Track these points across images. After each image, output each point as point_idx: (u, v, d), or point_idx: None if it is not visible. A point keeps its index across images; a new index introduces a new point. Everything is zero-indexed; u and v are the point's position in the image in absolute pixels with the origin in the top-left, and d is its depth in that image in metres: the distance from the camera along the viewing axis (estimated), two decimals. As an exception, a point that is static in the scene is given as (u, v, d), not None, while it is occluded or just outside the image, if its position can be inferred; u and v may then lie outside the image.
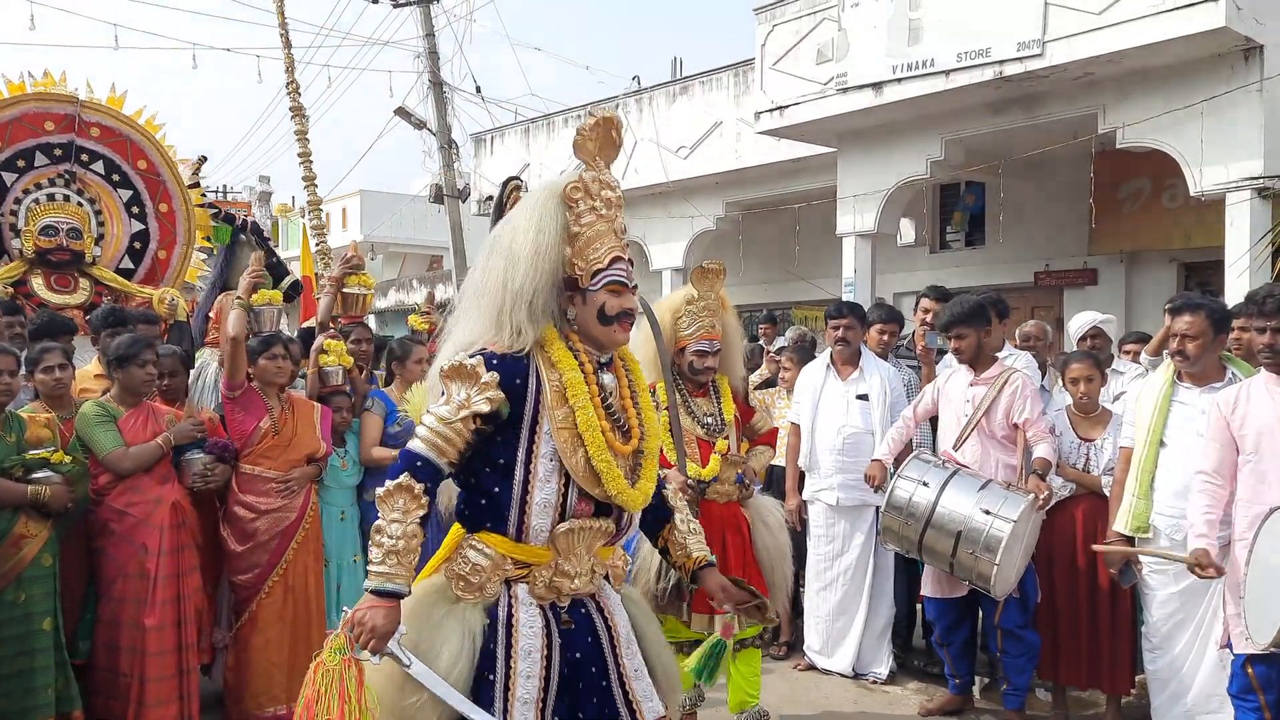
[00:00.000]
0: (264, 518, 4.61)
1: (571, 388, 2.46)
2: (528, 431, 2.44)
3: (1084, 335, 5.80)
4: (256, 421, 4.63)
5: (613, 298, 2.51)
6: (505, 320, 2.45)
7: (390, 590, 2.28)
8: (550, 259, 2.46)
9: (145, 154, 7.11)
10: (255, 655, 4.58)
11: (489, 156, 16.18)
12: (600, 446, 2.45)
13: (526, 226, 2.48)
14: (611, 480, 2.46)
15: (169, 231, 7.27)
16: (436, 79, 14.17)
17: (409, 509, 2.31)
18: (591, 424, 2.45)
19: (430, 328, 6.44)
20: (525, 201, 2.58)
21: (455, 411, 2.37)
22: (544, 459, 2.44)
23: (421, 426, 2.41)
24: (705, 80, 13.43)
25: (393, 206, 24.91)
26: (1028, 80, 8.90)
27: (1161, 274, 11.58)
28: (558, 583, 2.51)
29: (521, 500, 2.44)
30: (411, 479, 2.33)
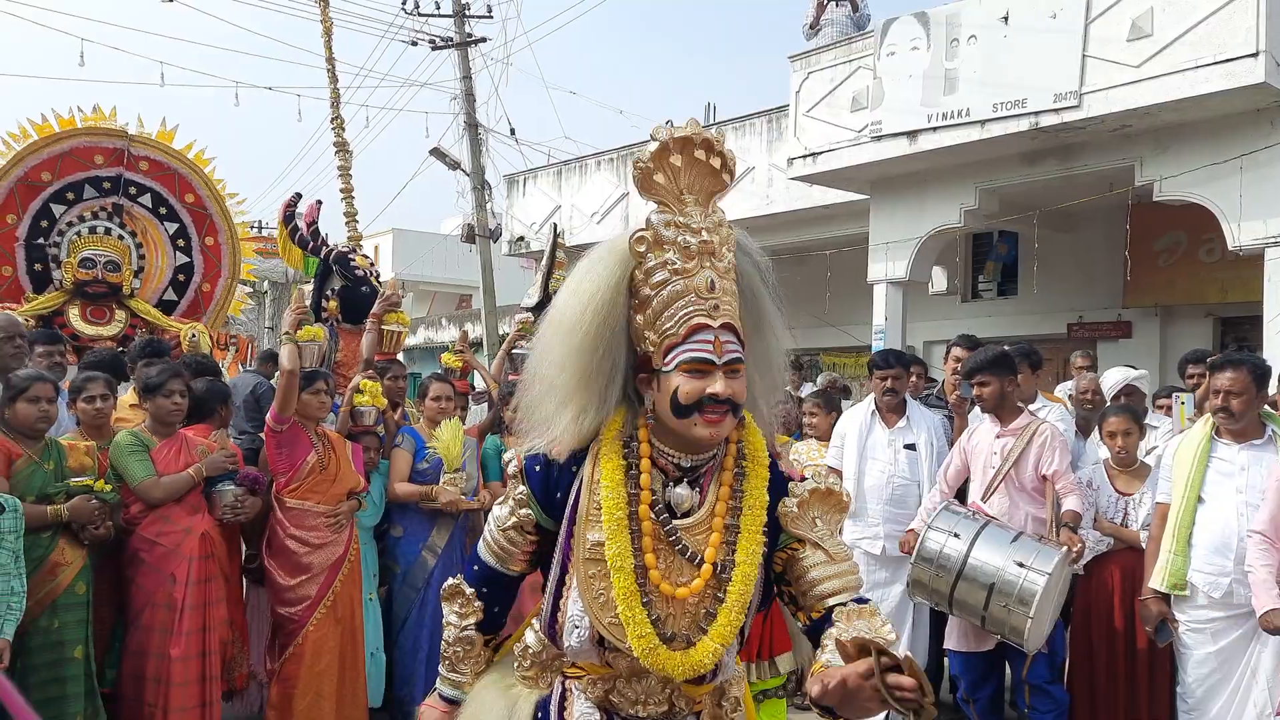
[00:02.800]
0: (318, 551, 4.66)
1: (604, 509, 1.92)
2: (561, 556, 1.99)
3: (1118, 393, 5.75)
4: (304, 456, 4.68)
5: (690, 380, 1.87)
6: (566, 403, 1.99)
7: (447, 696, 2.22)
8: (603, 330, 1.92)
9: (193, 188, 7.24)
10: (303, 688, 4.58)
11: (521, 197, 16.34)
12: (628, 594, 1.87)
13: (573, 294, 1.97)
14: (638, 639, 1.86)
15: (214, 265, 7.37)
16: (472, 120, 14.39)
17: (464, 613, 2.16)
18: (621, 561, 1.89)
19: (464, 366, 6.48)
20: (583, 260, 2.04)
21: (507, 517, 2.08)
22: (574, 593, 1.96)
23: (488, 525, 2.15)
24: (738, 125, 13.53)
25: (425, 245, 25.17)
26: (1064, 131, 8.90)
27: (1197, 328, 11.46)
28: (616, 701, 2.02)
29: (551, 624, 2.03)
30: (464, 583, 2.17)
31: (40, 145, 6.73)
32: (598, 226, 14.99)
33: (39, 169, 6.75)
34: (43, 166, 6.76)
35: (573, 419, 1.96)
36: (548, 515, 2.02)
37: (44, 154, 6.75)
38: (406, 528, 5.24)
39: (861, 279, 11.03)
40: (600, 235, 14.96)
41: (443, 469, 5.19)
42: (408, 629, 5.15)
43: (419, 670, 5.11)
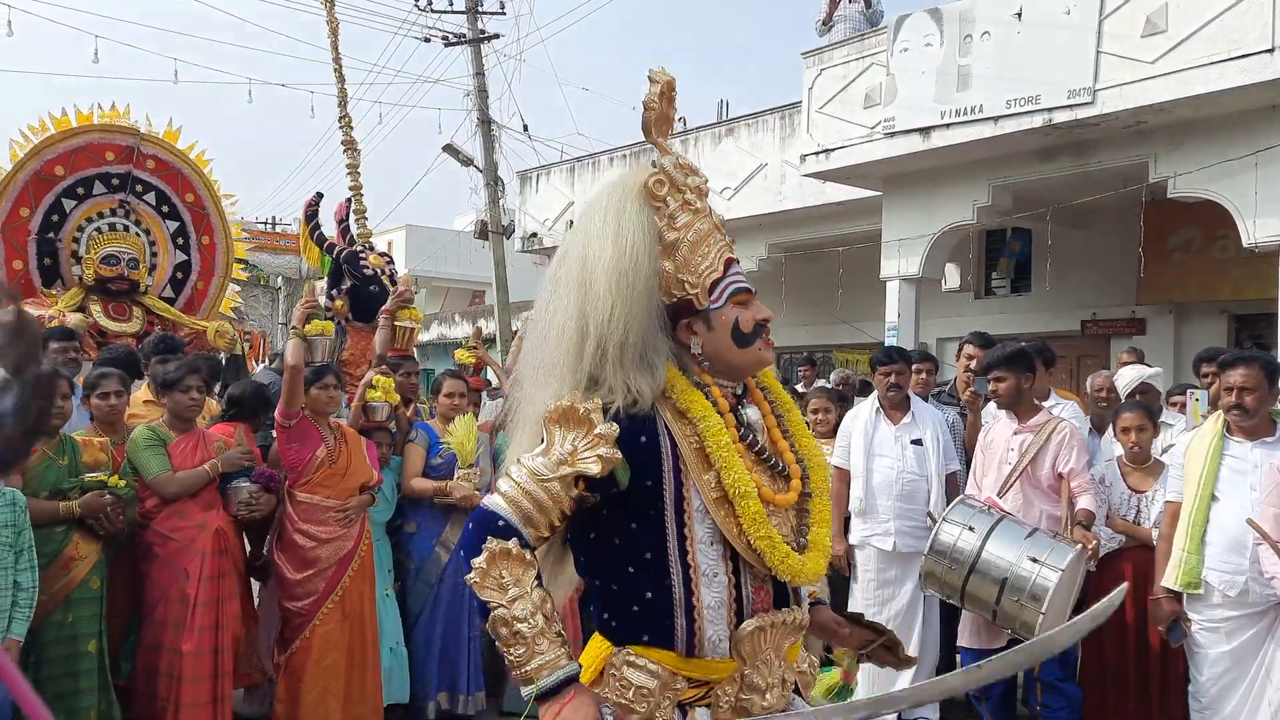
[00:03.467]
0: (325, 546, 4.66)
1: (709, 439, 1.85)
2: (674, 513, 1.85)
3: (1133, 391, 5.73)
4: (313, 450, 4.69)
5: (743, 309, 1.94)
6: (606, 377, 1.85)
7: (564, 678, 1.76)
8: (644, 279, 1.86)
9: (194, 187, 7.33)
10: (310, 683, 4.59)
11: (534, 194, 16.36)
12: (758, 518, 1.84)
13: (597, 246, 1.88)
14: (781, 562, 1.85)
15: (209, 263, 7.46)
16: (485, 117, 14.40)
17: (520, 576, 1.75)
18: (743, 485, 1.84)
19: (477, 362, 6.50)
20: (593, 211, 1.95)
21: (554, 467, 1.79)
22: (703, 545, 1.85)
23: (505, 480, 1.84)
24: (751, 122, 13.51)
25: (438, 241, 25.21)
26: (1078, 128, 8.86)
27: (1211, 325, 11.40)
28: (746, 701, 1.90)
29: (688, 606, 1.84)
30: (501, 540, 1.76)
31: (57, 139, 6.79)
32: (610, 223, 14.99)
33: (53, 163, 6.81)
34: (57, 161, 6.82)
35: (651, 369, 1.87)
36: (627, 468, 1.83)
37: (60, 148, 6.81)
38: (420, 523, 5.25)
39: (874, 276, 11.01)
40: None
41: (456, 464, 5.20)
42: (421, 625, 5.16)
43: (432, 665, 5.14)
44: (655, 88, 1.92)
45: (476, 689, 5.27)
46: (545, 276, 2.04)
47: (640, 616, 1.87)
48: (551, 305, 1.94)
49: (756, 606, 1.91)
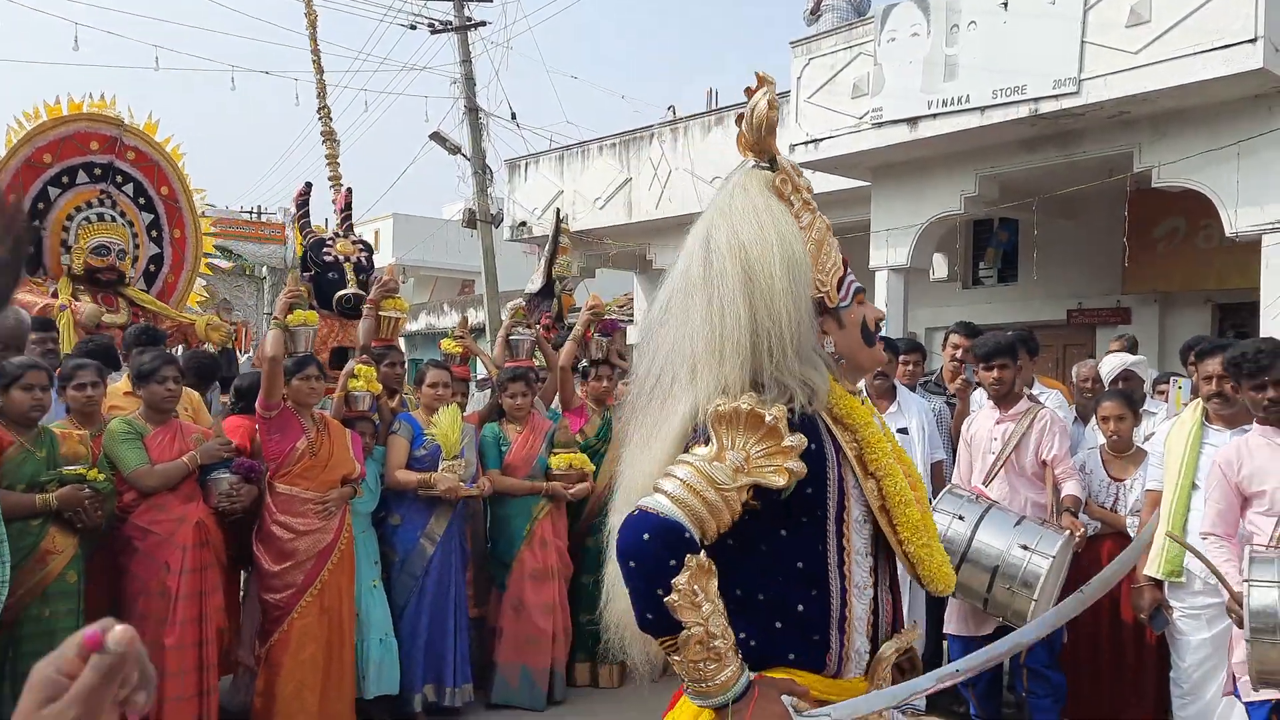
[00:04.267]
0: (303, 538, 4.64)
1: (872, 449, 1.82)
2: (835, 521, 1.79)
3: (1116, 378, 5.75)
4: (293, 442, 4.67)
5: (866, 308, 1.97)
6: (771, 376, 1.77)
7: (750, 683, 1.68)
8: (806, 275, 1.84)
9: (168, 180, 7.33)
10: (287, 675, 4.59)
11: (523, 182, 16.30)
12: (917, 526, 1.84)
13: (759, 238, 1.82)
14: (934, 570, 1.87)
15: (179, 257, 7.46)
16: (472, 105, 14.34)
17: (708, 587, 1.65)
18: (904, 495, 1.83)
19: (464, 351, 6.48)
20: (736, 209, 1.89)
21: (733, 475, 1.69)
22: (859, 557, 1.82)
23: (672, 481, 1.69)
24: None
25: (426, 230, 25.14)
26: (1063, 118, 8.86)
27: (1195, 314, 11.44)
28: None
29: (841, 618, 1.78)
30: (696, 556, 1.64)
31: (48, 127, 6.79)
32: (600, 212, 14.96)
33: (43, 151, 6.80)
34: (46, 149, 6.81)
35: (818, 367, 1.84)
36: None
37: (50, 135, 6.81)
38: (404, 516, 5.24)
39: (863, 266, 11.00)
40: (603, 221, 15.03)
41: (441, 456, 5.19)
42: (407, 617, 5.16)
43: (418, 657, 5.14)
44: (769, 90, 1.91)
45: (464, 681, 5.28)
46: (674, 275, 1.95)
47: (786, 632, 1.79)
48: (697, 310, 1.83)
49: (886, 620, 1.88)
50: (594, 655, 5.85)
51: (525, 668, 5.40)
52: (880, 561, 1.87)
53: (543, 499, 5.53)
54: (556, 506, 5.61)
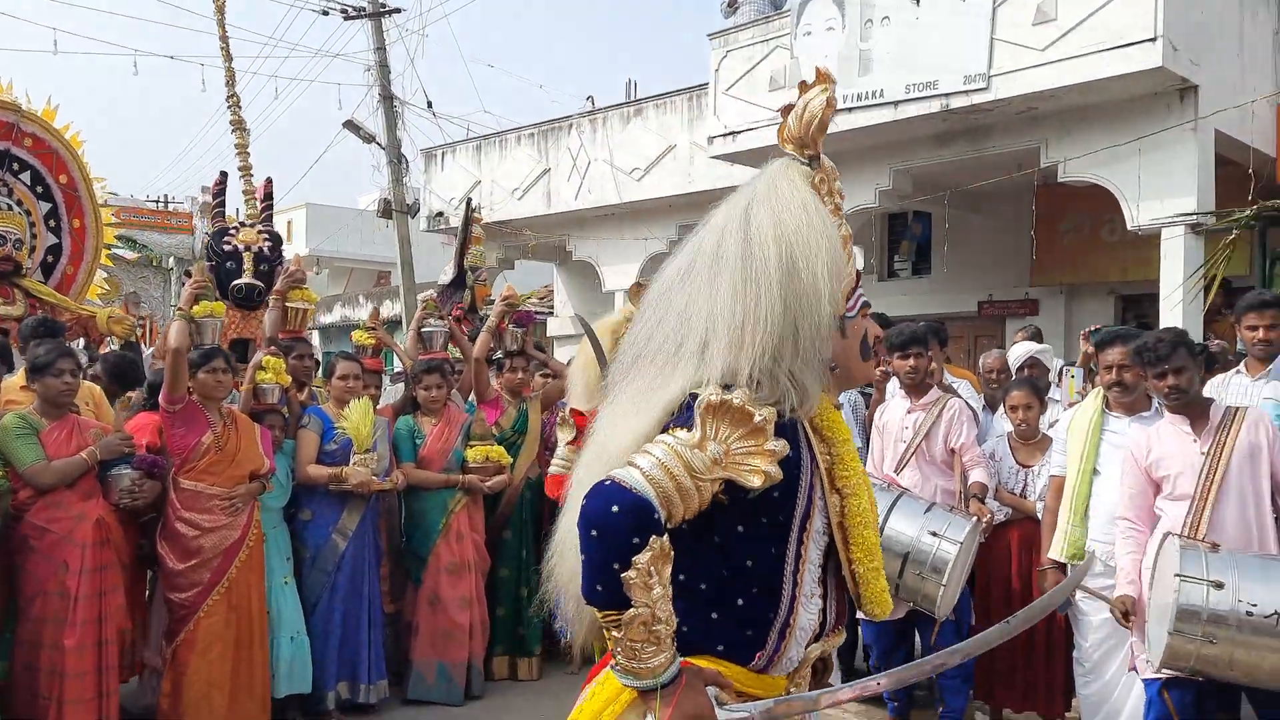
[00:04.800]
0: (208, 535, 4.52)
1: (844, 466, 1.85)
2: (798, 529, 1.79)
3: (1021, 365, 5.90)
4: (199, 436, 4.53)
5: (871, 323, 1.94)
6: (780, 377, 1.76)
7: (680, 670, 1.68)
8: (841, 283, 1.82)
9: (67, 168, 7.03)
10: (194, 676, 4.47)
11: (439, 172, 16.10)
12: (871, 549, 1.85)
13: (808, 232, 1.78)
14: (876, 594, 1.88)
15: (78, 247, 7.16)
16: (387, 93, 14.09)
17: (662, 571, 1.65)
18: (866, 516, 1.85)
19: (376, 343, 6.36)
20: (777, 192, 1.85)
21: (710, 466, 1.68)
22: (812, 566, 1.82)
23: (648, 459, 1.68)
24: (659, 103, 13.51)
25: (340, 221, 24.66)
26: (973, 113, 9.08)
27: (1099, 305, 11.84)
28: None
29: (784, 624, 1.79)
30: (660, 539, 1.63)
31: (-58, 112, 6.44)
32: (519, 202, 14.85)
33: (-62, 137, 6.46)
34: (-59, 135, 6.47)
35: (819, 377, 1.82)
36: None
37: (-57, 121, 6.46)
38: (315, 511, 5.13)
39: (781, 258, 11.11)
40: (522, 212, 14.92)
41: (352, 450, 5.09)
42: (319, 613, 5.05)
43: (331, 655, 5.04)
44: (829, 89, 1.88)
45: (378, 677, 5.19)
46: (701, 244, 1.89)
47: (721, 624, 1.79)
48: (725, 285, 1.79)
49: (828, 629, 1.89)
50: (513, 648, 5.81)
51: (442, 663, 5.34)
52: (829, 575, 1.87)
53: (459, 492, 5.47)
54: (473, 499, 5.56)
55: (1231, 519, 3.58)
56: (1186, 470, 3.67)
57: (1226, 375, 4.90)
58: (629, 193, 13.45)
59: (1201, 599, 3.26)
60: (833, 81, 1.90)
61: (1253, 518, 3.59)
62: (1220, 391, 4.71)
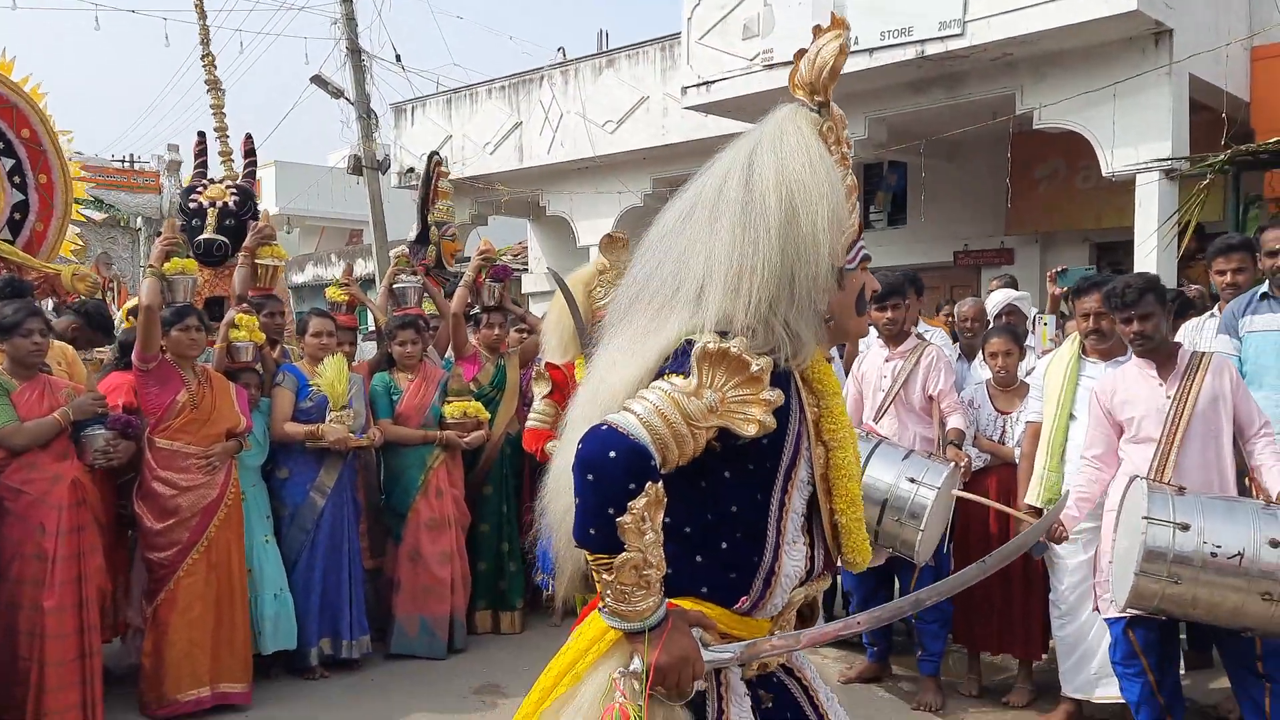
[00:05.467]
0: (185, 494, 4.49)
1: (832, 419, 1.86)
2: (784, 478, 1.81)
3: (1000, 313, 5.92)
4: (173, 395, 4.49)
5: (869, 277, 1.92)
6: (775, 326, 1.75)
7: (665, 614, 1.68)
8: (840, 234, 1.80)
9: (29, 122, 6.83)
10: (176, 635, 4.46)
11: (410, 127, 15.87)
12: (852, 499, 1.87)
13: (811, 183, 1.76)
14: (857, 544, 1.90)
15: (47, 204, 6.98)
16: (354, 46, 13.81)
17: (655, 517, 1.65)
18: (850, 470, 1.87)
19: (350, 300, 6.30)
20: (783, 140, 1.82)
21: (705, 414, 1.69)
22: (794, 515, 1.84)
23: (643, 404, 1.68)
24: (631, 54, 13.34)
25: (310, 178, 24.31)
26: (948, 60, 9.02)
27: (1074, 254, 11.88)
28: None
29: (770, 571, 1.81)
30: (656, 485, 1.64)
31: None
32: (491, 157, 14.69)
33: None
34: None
35: (816, 327, 1.81)
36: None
37: (-111, 75, 6.27)
38: (292, 469, 5.11)
39: (757, 210, 11.05)
40: (494, 166, 14.75)
41: (328, 407, 5.05)
42: (299, 571, 5.05)
43: (313, 611, 5.05)
44: (843, 35, 1.86)
45: (361, 633, 5.21)
46: (704, 187, 1.86)
47: (705, 567, 1.80)
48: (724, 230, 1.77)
49: (813, 575, 1.90)
50: (495, 602, 5.83)
51: (424, 618, 5.36)
52: (814, 523, 1.89)
53: (437, 448, 5.45)
54: (451, 456, 5.54)
55: (1194, 463, 3.64)
56: (1151, 414, 3.71)
57: (1201, 319, 4.95)
58: (602, 146, 13.32)
59: (1168, 541, 3.31)
60: (846, 28, 1.89)
61: (1214, 461, 3.66)
62: (1195, 336, 4.76)
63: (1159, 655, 3.72)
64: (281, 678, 5.04)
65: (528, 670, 5.28)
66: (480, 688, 4.96)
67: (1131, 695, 3.81)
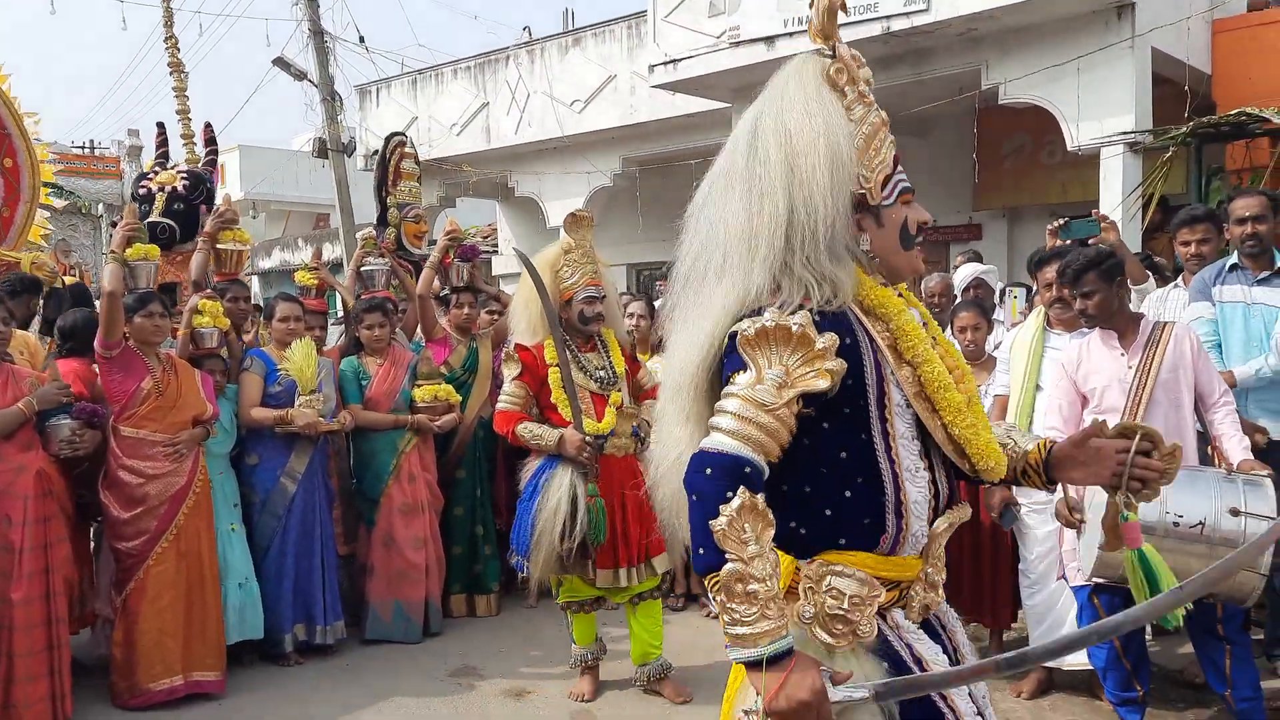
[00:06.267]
0: (153, 482, 4.44)
1: (906, 337, 1.84)
2: (877, 409, 1.81)
3: (967, 286, 5.96)
4: (138, 382, 4.44)
5: (909, 209, 1.93)
6: (797, 271, 1.78)
7: (789, 647, 1.64)
8: (848, 171, 1.82)
9: None
10: (147, 624, 4.42)
11: (375, 109, 15.70)
12: (958, 407, 1.85)
13: (807, 129, 1.80)
14: (983, 448, 1.86)
15: (13, 188, 6.83)
16: (317, 27, 13.63)
17: (761, 532, 1.65)
18: (943, 380, 1.84)
19: (319, 284, 6.23)
20: (784, 98, 1.86)
21: (777, 393, 1.71)
22: (905, 441, 1.83)
23: (725, 417, 1.72)
24: (598, 32, 13.24)
25: (274, 162, 24.02)
26: (914, 36, 9.02)
27: (1041, 227, 11.83)
28: (927, 599, 1.91)
29: (897, 502, 1.80)
30: (751, 494, 1.65)
31: None
32: (458, 138, 14.56)
33: None
34: None
35: (845, 263, 1.82)
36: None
37: None
38: (262, 455, 5.07)
39: (725, 188, 11.03)
40: (461, 148, 14.62)
41: (297, 391, 5.01)
42: (271, 557, 5.02)
43: (286, 598, 5.02)
44: None
45: (335, 619, 5.20)
46: (719, 159, 1.92)
47: (836, 519, 1.81)
48: (736, 196, 1.84)
49: (944, 503, 1.89)
50: (470, 586, 5.82)
51: (399, 602, 5.34)
52: (931, 446, 1.88)
53: (408, 433, 5.43)
54: (423, 439, 5.52)
55: None
56: (1114, 384, 3.75)
57: (1164, 290, 5.01)
58: (570, 125, 13.23)
59: None
60: None
61: (1175, 430, 3.69)
62: (1159, 307, 4.81)
63: None
64: (256, 665, 5.01)
65: (504, 652, 5.34)
66: (456, 670, 4.96)
67: (1099, 661, 3.87)
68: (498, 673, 4.90)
